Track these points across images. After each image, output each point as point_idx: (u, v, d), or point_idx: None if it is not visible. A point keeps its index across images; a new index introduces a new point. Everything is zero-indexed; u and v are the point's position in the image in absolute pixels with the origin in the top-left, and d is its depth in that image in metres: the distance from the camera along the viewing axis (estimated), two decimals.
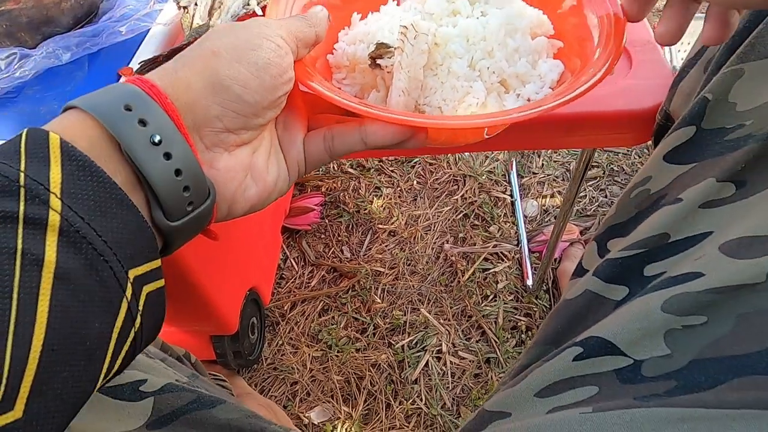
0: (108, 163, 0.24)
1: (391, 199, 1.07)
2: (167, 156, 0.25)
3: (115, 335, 0.23)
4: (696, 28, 0.32)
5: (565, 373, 0.30)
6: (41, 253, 0.21)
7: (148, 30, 0.57)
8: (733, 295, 0.26)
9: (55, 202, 0.21)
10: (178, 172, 0.25)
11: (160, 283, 0.26)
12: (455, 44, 0.38)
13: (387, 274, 0.97)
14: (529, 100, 0.38)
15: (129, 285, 0.23)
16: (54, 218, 0.21)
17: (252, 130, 0.30)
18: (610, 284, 0.33)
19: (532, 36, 0.40)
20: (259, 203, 0.32)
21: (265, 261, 0.93)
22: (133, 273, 0.23)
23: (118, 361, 0.24)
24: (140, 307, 0.24)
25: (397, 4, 0.44)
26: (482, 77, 0.38)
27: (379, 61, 0.39)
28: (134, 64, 0.54)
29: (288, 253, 1.02)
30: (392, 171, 1.12)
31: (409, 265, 0.98)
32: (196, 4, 0.53)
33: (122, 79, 0.52)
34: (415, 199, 1.07)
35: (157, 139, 0.25)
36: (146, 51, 0.55)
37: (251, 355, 0.85)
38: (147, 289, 0.25)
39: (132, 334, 0.24)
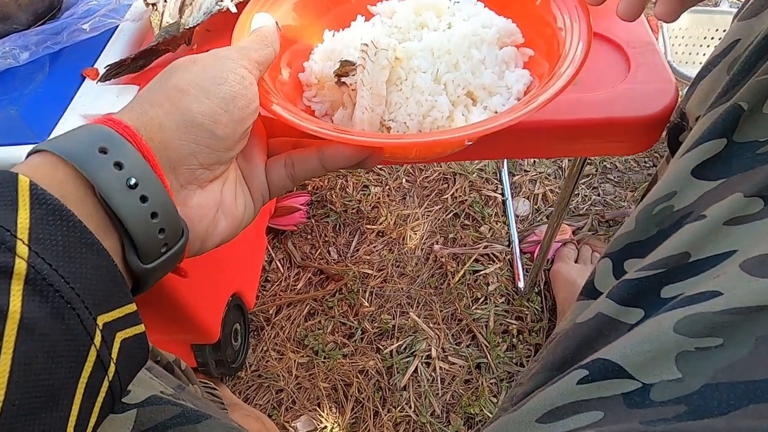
0: (80, 206, 0.23)
1: (379, 198, 1.05)
2: (143, 199, 0.25)
3: (81, 386, 0.22)
4: (721, 24, 0.30)
5: (568, 398, 0.28)
6: (6, 303, 0.20)
7: (116, 27, 0.53)
8: (752, 317, 0.24)
9: (22, 249, 0.21)
10: (154, 215, 0.25)
11: (138, 329, 0.25)
12: (419, 59, 0.38)
13: (375, 276, 0.94)
14: (496, 111, 0.37)
15: (98, 332, 0.22)
16: (20, 266, 0.20)
17: (224, 164, 0.30)
18: (625, 307, 0.31)
19: (501, 46, 0.40)
20: (229, 236, 0.32)
21: (249, 264, 0.90)
22: (102, 319, 0.23)
23: (94, 413, 0.23)
24: (113, 356, 0.23)
25: (366, 20, 0.43)
26: (447, 90, 0.38)
27: (344, 79, 0.38)
28: (100, 65, 0.50)
29: (273, 255, 0.99)
30: (380, 169, 1.08)
31: (397, 266, 0.95)
32: (165, 1, 0.49)
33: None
34: (404, 198, 1.04)
35: (133, 182, 0.25)
36: (113, 50, 0.51)
37: (234, 362, 0.83)
38: (121, 336, 0.23)
39: (105, 384, 0.23)
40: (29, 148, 0.26)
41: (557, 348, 0.34)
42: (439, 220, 1.01)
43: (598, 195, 1.03)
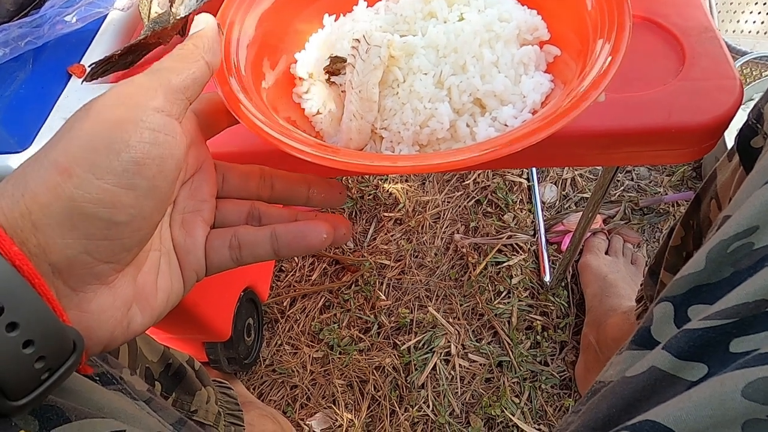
0: None
1: (397, 183, 1.00)
2: (11, 327, 0.19)
3: None
4: None
5: None
6: None
7: (104, 17, 0.48)
8: None
9: None
10: (27, 344, 0.20)
11: None
12: (420, 57, 0.33)
13: (392, 267, 0.91)
14: (505, 125, 0.32)
15: None
16: None
17: (135, 249, 0.24)
18: (685, 361, 0.27)
19: (521, 44, 0.34)
20: (145, 330, 0.26)
21: None
22: None
23: None
24: None
25: (369, 5, 0.38)
26: (451, 97, 0.33)
27: (333, 78, 0.34)
28: (87, 61, 0.46)
29: None
30: None
31: (416, 257, 0.91)
32: None
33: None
34: (424, 184, 0.99)
35: None
36: (101, 44, 0.47)
37: (247, 358, 0.81)
38: None
39: None
40: (10, 157, 0.21)
41: (601, 403, 0.30)
42: (460, 207, 0.96)
43: (632, 180, 0.96)
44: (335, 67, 0.34)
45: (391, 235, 0.94)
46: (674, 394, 0.26)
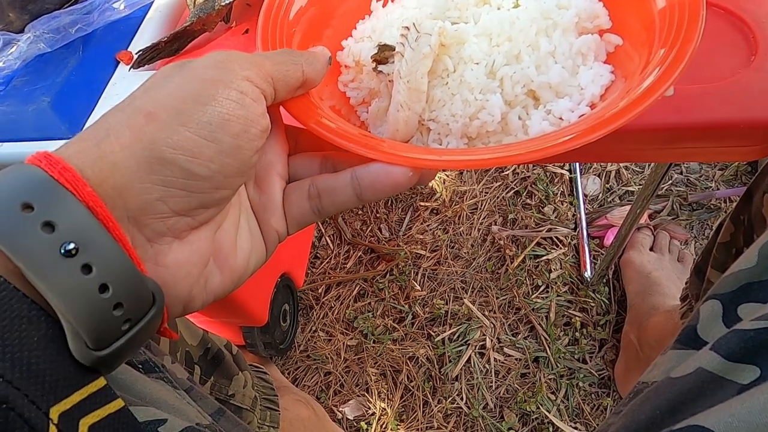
0: None
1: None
2: (86, 269, 0.19)
3: None
4: None
5: None
6: None
7: (151, 4, 0.48)
8: None
9: None
10: (103, 288, 0.19)
11: (113, 406, 0.20)
12: (472, 46, 0.31)
13: (428, 257, 0.90)
14: (561, 119, 0.30)
15: (52, 427, 0.18)
16: None
17: (212, 208, 0.23)
18: (736, 363, 0.26)
19: (580, 33, 0.32)
20: (227, 292, 0.26)
21: (298, 242, 0.87)
22: (57, 410, 0.18)
23: None
24: None
25: None
26: (503, 88, 0.31)
27: (381, 67, 0.32)
28: (134, 48, 0.46)
29: (323, 231, 0.96)
30: None
31: (452, 248, 0.90)
32: None
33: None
34: (461, 173, 0.97)
35: (70, 247, 0.18)
36: (147, 31, 0.47)
37: (283, 343, 0.82)
38: (87, 421, 0.19)
39: None
40: (61, 143, 0.21)
41: (644, 405, 0.29)
42: (498, 198, 0.94)
43: (681, 173, 0.92)
44: (383, 55, 0.33)
45: (427, 225, 0.93)
46: (723, 398, 0.25)
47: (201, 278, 0.24)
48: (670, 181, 0.91)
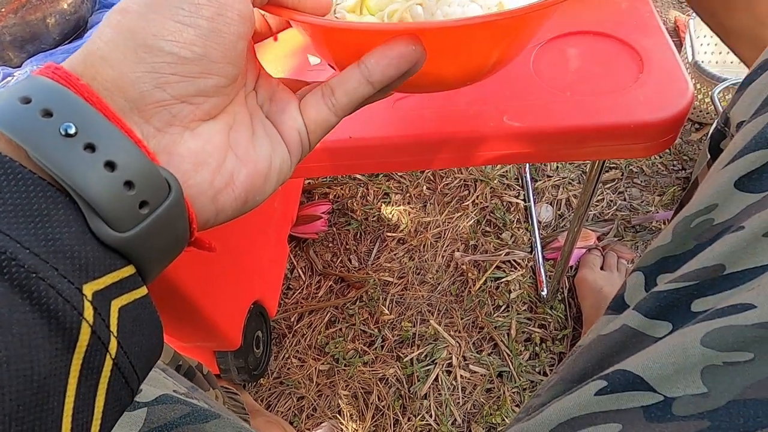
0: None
1: (400, 205, 1.05)
2: (90, 147, 0.19)
3: (75, 373, 0.18)
4: None
5: (584, 409, 0.27)
6: None
7: None
8: None
9: None
10: (110, 165, 0.19)
11: (139, 292, 0.21)
12: None
13: (395, 284, 0.94)
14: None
15: (87, 304, 0.18)
16: None
17: (212, 97, 0.23)
18: (652, 320, 0.30)
19: None
20: (258, 189, 0.25)
21: (270, 272, 0.91)
22: (90, 288, 0.18)
23: (99, 404, 0.19)
24: (112, 328, 0.19)
25: None
26: (477, 2, 0.33)
27: None
28: None
29: (295, 263, 1.00)
30: (401, 176, 1.09)
31: (418, 274, 0.95)
32: None
33: None
34: (425, 206, 1.04)
35: (72, 130, 0.19)
36: None
37: (256, 369, 0.84)
38: (117, 303, 0.19)
39: (108, 362, 0.19)
40: None
41: (578, 360, 0.33)
42: (459, 227, 1.00)
43: (624, 200, 1.01)
44: None
45: (395, 254, 0.98)
46: (643, 349, 0.28)
47: (222, 169, 0.24)
48: (615, 207, 1.00)
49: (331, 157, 0.45)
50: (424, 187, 1.07)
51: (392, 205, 1.05)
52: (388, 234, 1.01)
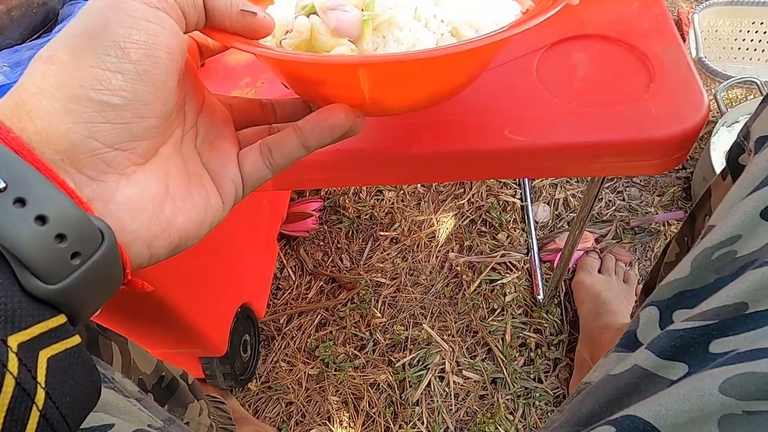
0: None
1: (393, 203, 1.02)
2: (20, 202, 0.19)
3: None
4: (759, 16, 0.25)
5: None
6: None
7: None
8: None
9: None
10: (41, 220, 0.19)
11: (71, 341, 0.20)
12: None
13: (388, 285, 0.92)
14: None
15: (11, 355, 0.18)
16: None
17: (145, 140, 0.23)
18: (667, 360, 0.27)
19: None
20: (194, 232, 0.26)
21: (259, 272, 0.88)
22: (15, 339, 0.18)
23: None
24: (39, 379, 0.19)
25: None
26: (429, 28, 0.33)
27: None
28: None
29: (285, 262, 0.97)
30: None
31: (411, 275, 0.93)
32: None
33: None
34: (419, 204, 1.01)
35: (1, 185, 0.19)
36: None
37: (243, 374, 0.81)
38: (46, 353, 0.19)
39: (35, 414, 0.19)
40: None
41: (585, 400, 0.31)
42: (454, 226, 0.97)
43: (623, 200, 0.98)
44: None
45: (387, 254, 0.96)
46: (655, 392, 0.26)
47: (159, 215, 0.24)
48: (614, 208, 0.97)
49: (319, 170, 0.42)
50: (419, 185, 1.03)
51: (385, 203, 1.02)
52: (381, 233, 0.98)
